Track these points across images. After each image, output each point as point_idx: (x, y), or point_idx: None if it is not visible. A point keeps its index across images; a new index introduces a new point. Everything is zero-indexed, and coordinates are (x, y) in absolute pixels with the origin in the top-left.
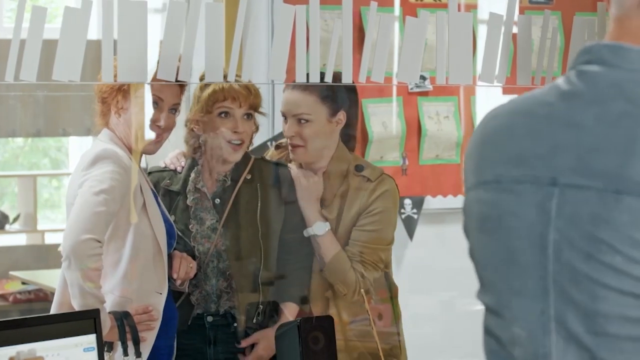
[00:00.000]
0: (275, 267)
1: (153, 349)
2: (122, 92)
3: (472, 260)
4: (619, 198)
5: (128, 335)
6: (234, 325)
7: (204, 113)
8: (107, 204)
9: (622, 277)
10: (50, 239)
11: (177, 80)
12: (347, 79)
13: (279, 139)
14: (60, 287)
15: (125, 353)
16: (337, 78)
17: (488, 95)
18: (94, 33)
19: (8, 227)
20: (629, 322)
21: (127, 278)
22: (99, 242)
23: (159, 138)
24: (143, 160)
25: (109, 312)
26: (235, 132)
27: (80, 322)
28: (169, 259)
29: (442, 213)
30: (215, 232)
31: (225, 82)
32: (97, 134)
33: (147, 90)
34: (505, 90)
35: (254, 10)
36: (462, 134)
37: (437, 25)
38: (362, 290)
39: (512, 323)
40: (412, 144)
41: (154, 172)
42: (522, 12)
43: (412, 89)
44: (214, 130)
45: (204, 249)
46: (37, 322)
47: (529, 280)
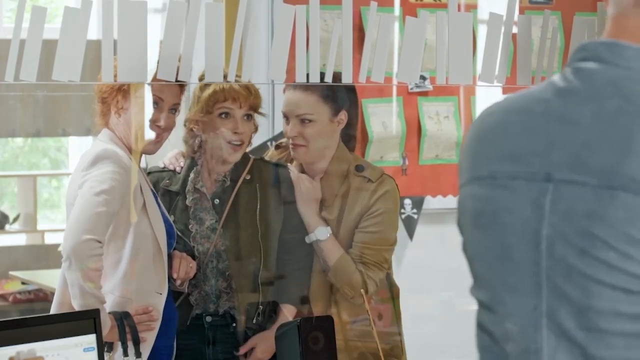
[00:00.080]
0: (275, 267)
1: (153, 349)
2: (122, 92)
3: (465, 256)
4: (614, 194)
5: (128, 336)
6: (233, 326)
7: (204, 113)
8: (107, 204)
9: (615, 273)
10: (50, 239)
11: (177, 80)
12: (347, 79)
13: (279, 139)
14: (60, 287)
15: (125, 353)
16: (336, 78)
17: (488, 96)
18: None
19: (8, 227)
20: (621, 317)
21: (127, 278)
22: (100, 242)
23: (159, 138)
24: (143, 160)
25: (109, 312)
26: (236, 132)
27: (80, 322)
28: (169, 259)
29: (442, 213)
30: (215, 232)
31: (225, 82)
32: (97, 134)
33: (147, 90)
34: (505, 90)
35: (254, 10)
36: (462, 134)
37: (437, 25)
38: (362, 290)
39: (505, 319)
40: (412, 144)
41: (153, 172)
42: (522, 12)
43: (412, 89)
44: (214, 131)
45: (204, 249)
46: (37, 322)
47: (522, 276)
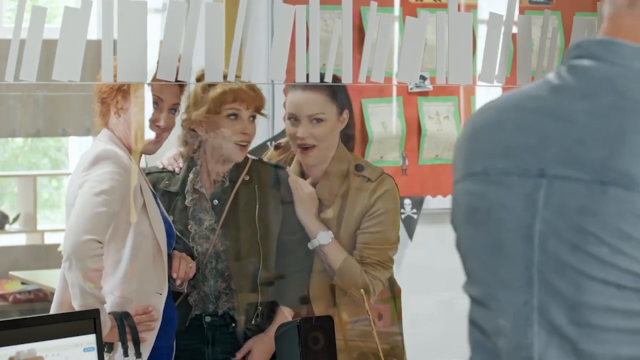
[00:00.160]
0: (274, 268)
1: (153, 350)
2: (121, 92)
3: (458, 252)
4: (606, 189)
5: (128, 336)
6: (233, 326)
7: (211, 114)
8: (107, 205)
9: (607, 268)
10: (50, 239)
11: (176, 81)
12: (347, 79)
13: (279, 139)
14: (60, 287)
15: (126, 354)
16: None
17: (488, 96)
18: (94, 33)
19: (8, 227)
20: (613, 313)
21: (127, 278)
22: (100, 242)
23: (159, 138)
24: (142, 160)
25: (109, 312)
26: (244, 133)
27: (80, 322)
28: (169, 259)
29: (442, 213)
30: (214, 232)
31: (226, 82)
32: (96, 134)
33: (146, 91)
34: (505, 91)
35: (254, 10)
36: None
37: (437, 25)
38: (362, 290)
39: (497, 314)
40: (412, 144)
41: (153, 172)
42: (522, 12)
43: (412, 89)
44: (218, 131)
45: (203, 250)
46: (36, 322)
47: (515, 272)
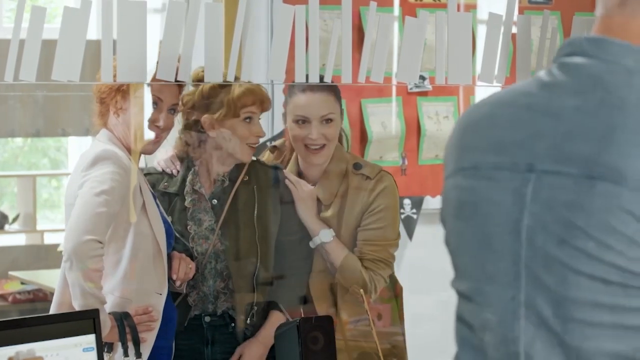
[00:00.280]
0: (272, 268)
1: (153, 350)
2: (121, 92)
3: (447, 249)
4: (594, 184)
5: (128, 336)
6: (232, 326)
7: (230, 117)
8: (108, 205)
9: (594, 262)
10: (50, 239)
11: (176, 81)
12: (346, 79)
13: (278, 139)
14: (60, 287)
15: (126, 354)
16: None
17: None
18: (94, 33)
19: (7, 227)
20: (599, 308)
21: (126, 279)
22: (101, 242)
23: (158, 138)
24: (142, 160)
25: (109, 312)
26: (258, 136)
27: (80, 322)
28: (168, 260)
29: None
30: (213, 233)
31: (226, 82)
32: (95, 134)
33: (146, 91)
34: None
35: (254, 11)
36: None
37: (436, 25)
38: (361, 290)
39: (484, 308)
40: (411, 144)
41: (152, 173)
42: (521, 12)
43: (411, 89)
44: (232, 132)
45: (202, 250)
46: (36, 322)
47: (502, 266)
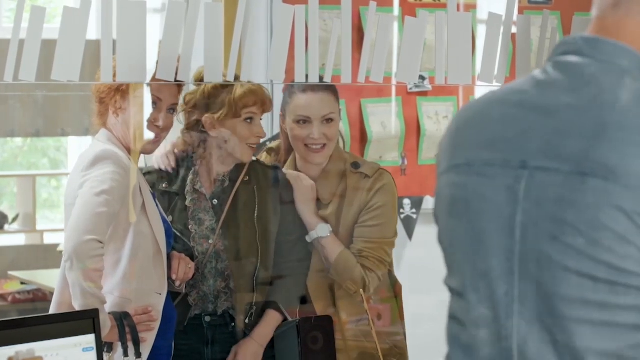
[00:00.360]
0: (272, 268)
1: (152, 349)
2: (120, 92)
3: (441, 247)
4: (585, 180)
5: (128, 336)
6: (232, 325)
7: (230, 117)
8: (108, 205)
9: (583, 259)
10: (49, 239)
11: (176, 81)
12: (346, 79)
13: (276, 139)
14: (60, 287)
15: (126, 354)
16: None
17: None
18: (93, 33)
19: (7, 227)
20: (588, 305)
21: (126, 278)
22: (101, 242)
23: (157, 138)
24: (142, 160)
25: (109, 312)
26: (259, 136)
27: (79, 322)
28: (168, 260)
29: None
30: (214, 232)
31: (226, 82)
32: (95, 134)
33: (145, 91)
34: None
35: (253, 11)
36: None
37: (436, 25)
38: (360, 290)
39: (477, 305)
40: (411, 144)
41: (152, 172)
42: (521, 12)
43: (411, 89)
44: (232, 131)
45: (203, 250)
46: (36, 322)
47: (496, 262)
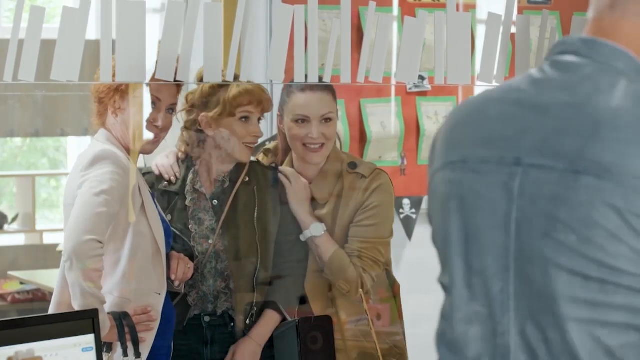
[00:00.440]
0: (272, 268)
1: (152, 349)
2: (119, 92)
3: (434, 244)
4: (578, 178)
5: (127, 336)
6: (232, 326)
7: (225, 116)
8: (107, 205)
9: (574, 257)
10: (49, 239)
11: (175, 81)
12: (345, 79)
13: (273, 141)
14: (59, 287)
15: (125, 354)
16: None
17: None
18: (93, 33)
19: (6, 227)
20: (579, 303)
21: (126, 279)
22: (100, 242)
23: (157, 138)
24: (141, 160)
25: (108, 312)
26: (254, 135)
27: (79, 322)
28: (167, 260)
29: None
30: (214, 233)
31: (225, 82)
32: (94, 134)
33: (144, 91)
34: None
35: (253, 11)
36: None
37: (435, 25)
38: (360, 290)
39: (471, 301)
40: (410, 144)
41: (151, 172)
42: (520, 12)
43: (410, 89)
44: (228, 131)
45: (203, 250)
46: (35, 322)
47: (491, 259)
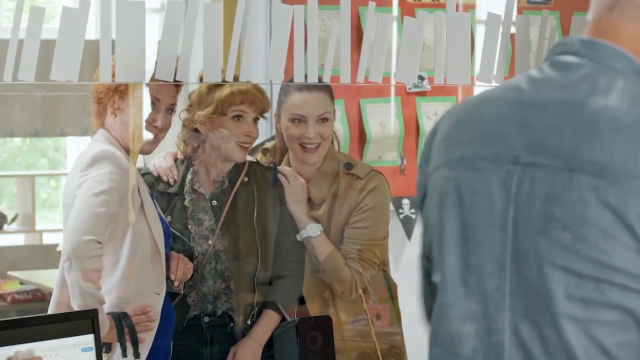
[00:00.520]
0: (271, 268)
1: (151, 350)
2: (118, 92)
3: (424, 242)
4: (572, 176)
5: (126, 336)
6: (231, 326)
7: (217, 115)
8: (106, 205)
9: (569, 255)
10: (48, 239)
11: (175, 81)
12: (345, 79)
13: (271, 141)
14: (58, 287)
15: (124, 354)
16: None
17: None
18: (92, 33)
19: (6, 227)
20: (573, 301)
21: (125, 279)
22: (100, 243)
23: (156, 138)
24: (140, 160)
25: (108, 313)
26: (247, 135)
27: (78, 322)
28: (166, 260)
29: None
30: (213, 233)
31: (226, 82)
32: (93, 134)
33: (144, 91)
34: None
35: (252, 11)
36: None
37: (435, 25)
38: (360, 290)
39: (466, 299)
40: (410, 144)
41: (150, 173)
42: (520, 12)
43: (410, 89)
44: (221, 131)
45: (203, 250)
46: (35, 322)
47: (488, 257)
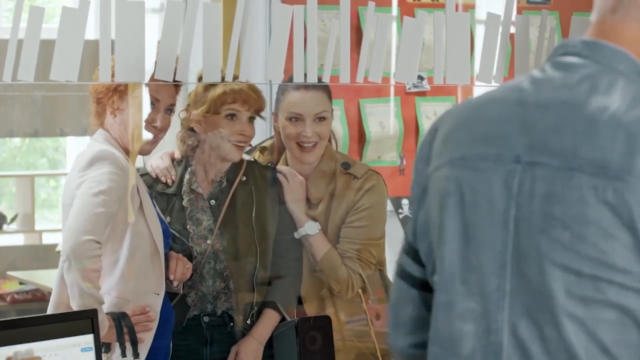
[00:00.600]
0: (270, 268)
1: (150, 350)
2: (118, 92)
3: (423, 241)
4: (572, 175)
5: (126, 336)
6: (231, 325)
7: (211, 113)
8: (106, 205)
9: (569, 253)
10: (48, 239)
11: (174, 81)
12: (344, 79)
13: (269, 141)
14: (58, 287)
15: (123, 354)
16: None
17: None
18: (92, 33)
19: (6, 227)
20: (572, 300)
21: (124, 279)
22: (99, 243)
23: (155, 138)
24: (140, 160)
25: (107, 313)
26: (242, 134)
27: (78, 322)
28: (165, 260)
29: None
30: (212, 233)
31: (226, 82)
32: (92, 134)
33: (143, 91)
34: None
35: (252, 11)
36: None
37: (434, 25)
38: (359, 290)
39: (466, 298)
40: (409, 144)
41: (149, 173)
42: (519, 12)
43: (409, 89)
44: (216, 130)
45: (201, 250)
46: (34, 322)
47: (488, 256)
